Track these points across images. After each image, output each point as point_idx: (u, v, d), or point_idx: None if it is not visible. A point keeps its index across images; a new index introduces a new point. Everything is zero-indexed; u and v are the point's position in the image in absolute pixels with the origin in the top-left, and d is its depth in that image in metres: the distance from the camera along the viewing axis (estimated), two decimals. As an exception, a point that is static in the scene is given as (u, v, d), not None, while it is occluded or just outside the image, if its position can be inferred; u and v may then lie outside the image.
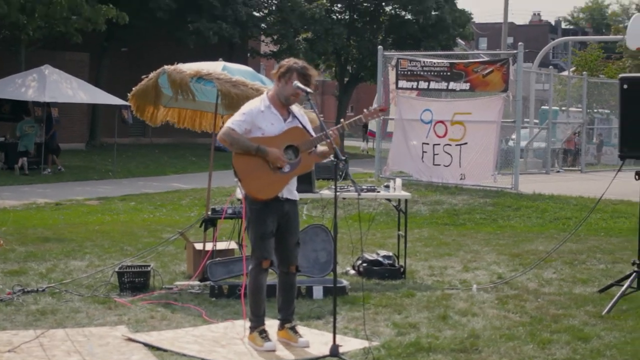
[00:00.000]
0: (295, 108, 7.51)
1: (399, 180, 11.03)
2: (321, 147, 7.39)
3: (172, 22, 37.78)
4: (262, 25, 44.60)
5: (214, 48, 36.41)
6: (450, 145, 20.03)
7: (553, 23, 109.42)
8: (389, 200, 11.15)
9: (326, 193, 10.44)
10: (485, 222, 16.71)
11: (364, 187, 10.94)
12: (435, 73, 20.75)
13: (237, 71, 10.24)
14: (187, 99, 10.09)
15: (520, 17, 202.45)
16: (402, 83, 21.28)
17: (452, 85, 20.55)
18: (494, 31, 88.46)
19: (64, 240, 13.90)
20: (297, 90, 7.23)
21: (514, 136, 24.83)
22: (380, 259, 10.85)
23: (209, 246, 10.14)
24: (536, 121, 30.12)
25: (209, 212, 10.26)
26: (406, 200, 10.98)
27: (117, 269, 9.84)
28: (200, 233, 10.62)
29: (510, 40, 70.28)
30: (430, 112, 20.42)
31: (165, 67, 10.16)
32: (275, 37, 44.65)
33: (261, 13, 44.77)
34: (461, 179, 19.93)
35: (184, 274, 10.87)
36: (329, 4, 45.02)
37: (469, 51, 38.24)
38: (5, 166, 27.45)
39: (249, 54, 47.53)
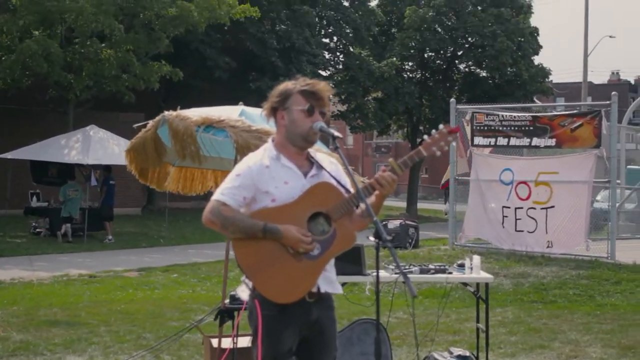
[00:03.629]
0: (320, 155, 5.17)
1: (476, 258, 8.48)
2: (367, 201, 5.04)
3: (232, 81, 35.97)
4: (330, 84, 42.58)
5: (278, 108, 34.38)
6: (534, 208, 17.86)
7: (632, 82, 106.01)
8: (465, 284, 8.59)
9: (382, 275, 7.91)
10: (581, 299, 14.17)
11: (430, 266, 8.45)
12: (516, 128, 18.45)
13: (260, 118, 7.54)
14: (194, 156, 7.72)
15: (598, 76, 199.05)
16: (478, 139, 18.93)
17: (535, 141, 18.33)
18: (572, 90, 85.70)
19: (75, 324, 11.76)
20: (316, 130, 4.95)
21: (598, 197, 22.36)
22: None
23: (227, 343, 7.69)
24: (618, 181, 27.43)
25: (227, 301, 7.83)
26: (487, 285, 8.44)
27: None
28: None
29: (589, 99, 67.53)
30: (510, 171, 18.22)
31: (166, 113, 7.89)
32: (343, 96, 42.62)
33: (327, 72, 42.81)
34: (548, 247, 17.67)
35: (201, 378, 8.53)
36: (399, 62, 42.92)
37: (551, 104, 35.51)
38: (49, 233, 25.46)
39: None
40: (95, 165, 24.63)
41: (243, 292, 5.11)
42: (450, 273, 8.45)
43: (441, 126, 4.93)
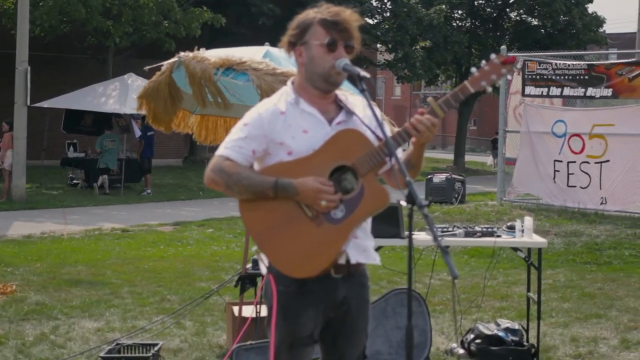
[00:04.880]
0: (354, 98, 4.29)
1: (528, 220, 7.59)
2: (402, 152, 4.20)
3: (275, 28, 34.98)
4: (377, 32, 41.61)
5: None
6: (588, 163, 16.96)
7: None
8: (515, 249, 7.71)
9: (422, 238, 7.09)
10: (638, 260, 13.35)
11: (477, 228, 7.59)
12: (570, 77, 17.46)
13: (287, 60, 6.60)
14: (214, 102, 6.88)
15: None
16: (530, 89, 17.97)
17: (590, 91, 17.33)
18: (625, 41, 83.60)
19: (98, 284, 11.16)
20: (339, 69, 4.03)
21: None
22: (502, 333, 7.45)
23: (248, 311, 6.91)
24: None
25: (249, 265, 7.06)
26: (540, 252, 7.56)
27: (103, 354, 6.72)
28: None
29: (644, 49, 65.71)
30: (563, 123, 17.28)
31: (182, 54, 7.07)
32: (390, 45, 41.51)
33: (374, 20, 41.70)
34: (602, 203, 16.80)
35: (222, 348, 7.78)
36: (448, 10, 41.66)
37: (606, 52, 34.17)
38: (86, 184, 24.85)
39: (363, 65, 44.54)
40: (134, 115, 23.74)
41: (263, 267, 4.31)
42: (499, 236, 7.60)
43: (493, 55, 4.01)
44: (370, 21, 40.85)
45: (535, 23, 43.79)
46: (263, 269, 4.19)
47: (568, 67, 17.59)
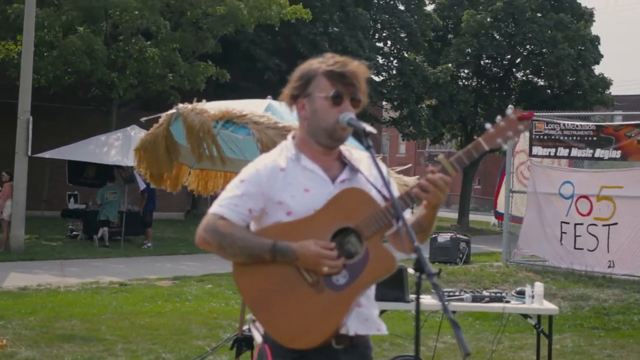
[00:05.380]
0: (358, 154, 3.99)
1: (539, 286, 7.30)
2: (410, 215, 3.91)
3: (281, 83, 34.76)
4: (382, 90, 41.56)
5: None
6: (596, 225, 16.68)
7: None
8: (525, 315, 7.39)
9: (428, 302, 6.79)
10: (647, 326, 12.89)
11: (484, 293, 7.29)
12: (578, 138, 17.20)
13: (290, 114, 6.28)
14: (209, 155, 6.60)
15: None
16: (537, 149, 17.73)
17: (598, 152, 17.08)
18: (631, 103, 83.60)
19: (92, 340, 10.82)
20: (343, 124, 3.75)
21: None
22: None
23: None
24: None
25: (245, 327, 6.74)
26: (551, 319, 7.25)
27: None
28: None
29: (650, 112, 65.64)
30: (571, 184, 17.04)
31: (180, 106, 6.81)
32: (395, 102, 41.42)
33: (380, 77, 41.67)
34: (610, 267, 16.51)
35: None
36: (454, 69, 41.63)
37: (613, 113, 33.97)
38: (86, 236, 24.55)
39: (369, 122, 44.37)
40: (135, 167, 23.58)
41: (256, 332, 4.00)
42: (508, 302, 7.30)
43: (509, 110, 3.71)
44: (376, 78, 40.85)
45: (542, 83, 43.79)
46: (257, 337, 3.90)
47: (576, 128, 17.38)
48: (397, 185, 4.02)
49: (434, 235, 21.29)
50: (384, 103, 44.94)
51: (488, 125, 3.68)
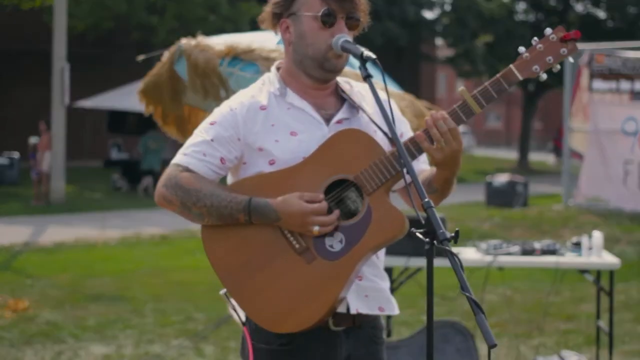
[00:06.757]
0: (362, 86, 3.17)
1: (598, 236, 6.42)
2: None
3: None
4: (436, 28, 40.44)
5: (379, 52, 32.27)
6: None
7: None
8: (583, 271, 6.52)
9: (471, 258, 5.96)
10: None
11: (536, 245, 6.43)
12: (643, 70, 16.13)
13: None
14: (223, 97, 5.78)
15: None
16: (598, 84, 16.62)
17: (664, 85, 15.89)
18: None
19: (121, 300, 10.29)
20: (337, 49, 2.98)
21: None
22: (567, 370, 6.30)
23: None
24: None
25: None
26: (612, 274, 6.37)
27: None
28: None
29: None
30: (635, 121, 15.79)
31: (183, 41, 6.02)
32: (450, 40, 40.28)
33: (433, 13, 40.59)
34: (679, 208, 15.38)
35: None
36: (510, 3, 40.27)
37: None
38: (129, 186, 23.98)
39: (422, 61, 43.35)
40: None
41: (235, 313, 3.21)
42: (562, 254, 6.44)
43: (549, 30, 2.94)
44: (429, 15, 39.85)
45: (603, 16, 42.24)
46: (237, 317, 3.14)
47: (639, 60, 16.33)
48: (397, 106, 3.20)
49: (489, 180, 20.50)
50: (439, 41, 43.88)
51: (522, 49, 2.90)
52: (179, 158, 3.03)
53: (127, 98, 23.46)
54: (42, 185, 20.81)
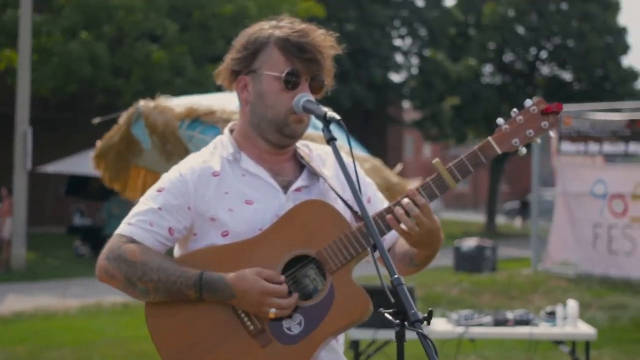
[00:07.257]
0: (322, 149, 3.00)
1: (573, 305, 6.19)
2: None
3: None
4: (403, 91, 40.66)
5: (346, 115, 32.29)
6: (632, 227, 15.51)
7: None
8: (558, 342, 6.26)
9: (442, 329, 5.69)
10: (694, 339, 11.82)
11: (508, 315, 6.17)
12: (610, 133, 16.08)
13: None
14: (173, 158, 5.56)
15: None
16: (566, 146, 16.62)
17: (632, 148, 16.03)
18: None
19: (79, 373, 9.80)
20: (298, 111, 2.79)
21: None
22: None
23: None
24: None
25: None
26: (588, 345, 6.12)
27: None
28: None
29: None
30: (603, 184, 15.81)
31: (142, 103, 5.79)
32: (417, 103, 40.48)
33: (400, 77, 40.81)
34: (650, 271, 15.32)
35: None
36: (477, 66, 40.55)
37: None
38: (92, 253, 23.53)
39: (390, 124, 43.54)
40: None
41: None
42: (536, 325, 6.19)
43: (529, 102, 2.76)
44: (396, 78, 40.11)
45: (569, 79, 42.63)
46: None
47: (607, 122, 16.31)
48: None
49: (457, 245, 20.36)
50: (405, 104, 44.12)
51: (501, 121, 2.67)
52: (123, 228, 2.79)
53: (89, 162, 23.22)
54: (2, 252, 20.41)
